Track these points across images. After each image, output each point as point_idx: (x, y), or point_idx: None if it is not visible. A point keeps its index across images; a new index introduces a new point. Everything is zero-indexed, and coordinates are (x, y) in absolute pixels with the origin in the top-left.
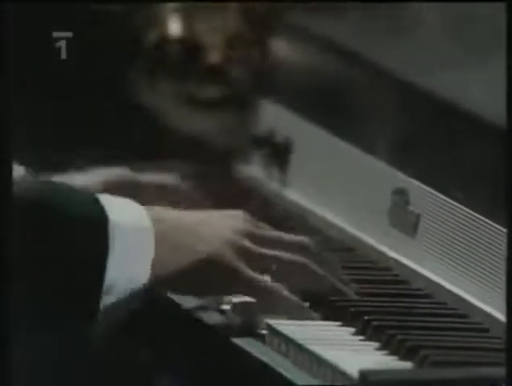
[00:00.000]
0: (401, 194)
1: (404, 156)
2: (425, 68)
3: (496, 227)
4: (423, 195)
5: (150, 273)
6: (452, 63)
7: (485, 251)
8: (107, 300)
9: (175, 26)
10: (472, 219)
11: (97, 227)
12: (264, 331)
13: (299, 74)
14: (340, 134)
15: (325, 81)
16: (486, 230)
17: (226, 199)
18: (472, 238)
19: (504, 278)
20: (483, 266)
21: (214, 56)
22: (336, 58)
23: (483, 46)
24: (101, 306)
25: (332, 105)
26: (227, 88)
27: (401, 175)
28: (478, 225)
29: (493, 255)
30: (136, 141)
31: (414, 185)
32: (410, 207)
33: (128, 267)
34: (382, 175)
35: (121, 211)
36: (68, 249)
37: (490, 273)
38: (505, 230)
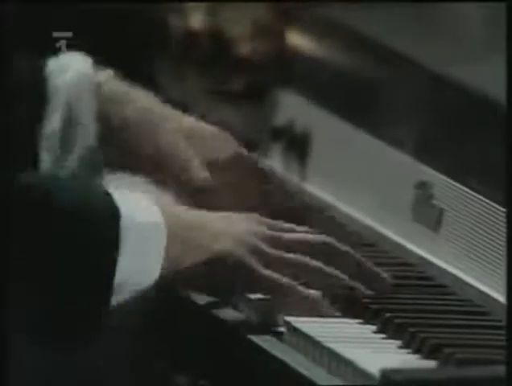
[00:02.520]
0: (424, 187)
1: (428, 148)
2: (450, 59)
3: None
4: (447, 189)
5: (161, 270)
6: (478, 55)
7: None
8: (117, 299)
9: (199, 19)
10: (497, 214)
11: (108, 222)
12: (283, 329)
13: (320, 64)
14: (362, 126)
15: (346, 71)
16: None
17: (245, 191)
18: (497, 233)
19: None
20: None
21: (242, 48)
22: (359, 48)
23: None
24: (111, 305)
25: (353, 96)
26: (253, 79)
27: (424, 168)
28: (504, 220)
29: None
30: None
31: (438, 178)
32: (434, 201)
33: (139, 264)
34: (405, 168)
35: (134, 207)
36: (77, 245)
37: None
38: None
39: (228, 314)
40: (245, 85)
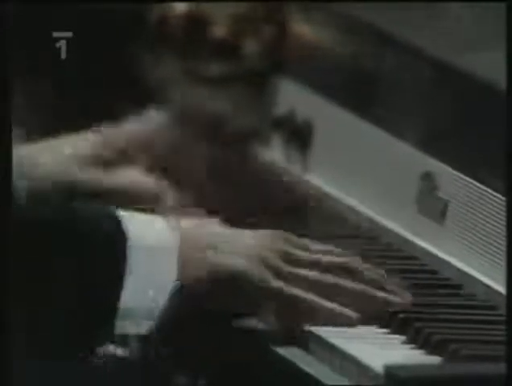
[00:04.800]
0: (429, 179)
1: (432, 139)
2: (454, 48)
3: None
4: (453, 181)
5: (173, 293)
6: (482, 43)
7: None
8: (124, 325)
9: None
10: (503, 206)
11: (113, 246)
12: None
13: (321, 51)
14: (365, 116)
15: (349, 59)
16: None
17: (242, 186)
18: (503, 226)
19: None
20: None
21: (221, 31)
22: (361, 34)
23: None
24: (116, 332)
25: (356, 85)
26: (237, 65)
27: (429, 159)
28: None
29: None
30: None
31: (442, 170)
32: (439, 193)
33: (148, 289)
34: (409, 159)
35: (143, 229)
36: (81, 269)
37: None
38: None
39: (248, 322)
40: (230, 71)
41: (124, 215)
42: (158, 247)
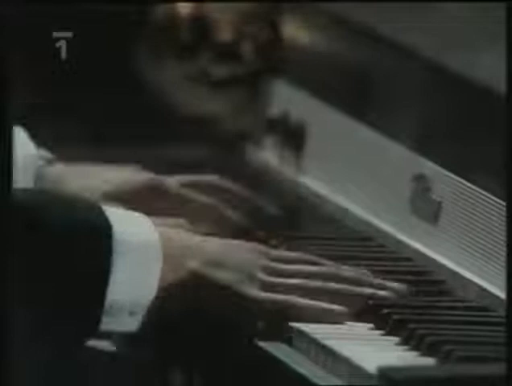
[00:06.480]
0: (422, 180)
1: (425, 141)
2: (452, 48)
3: None
4: (445, 182)
5: (156, 293)
6: (481, 44)
7: None
8: (110, 321)
9: (183, 4)
10: (497, 207)
11: (99, 239)
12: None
13: (315, 53)
14: (358, 117)
15: (342, 61)
16: None
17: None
18: (496, 227)
19: None
20: None
21: (224, 34)
22: (355, 36)
23: None
24: (101, 327)
25: (350, 86)
26: (238, 67)
27: (422, 161)
28: (503, 213)
29: None
30: (144, 133)
31: (435, 171)
32: (432, 195)
33: (133, 285)
34: (402, 161)
35: (128, 225)
36: (66, 263)
37: None
38: None
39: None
40: (231, 74)
41: (107, 209)
42: (144, 242)
